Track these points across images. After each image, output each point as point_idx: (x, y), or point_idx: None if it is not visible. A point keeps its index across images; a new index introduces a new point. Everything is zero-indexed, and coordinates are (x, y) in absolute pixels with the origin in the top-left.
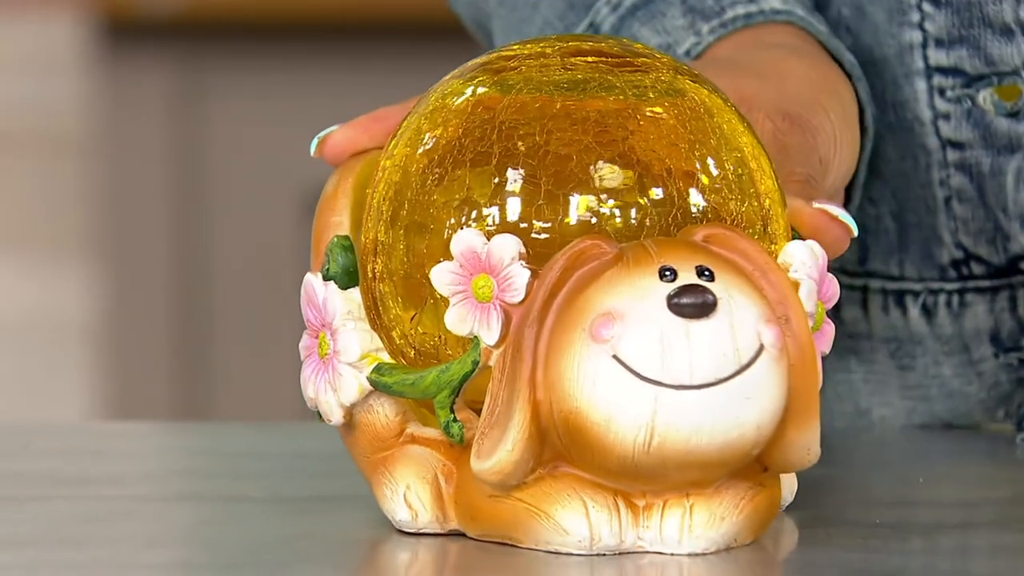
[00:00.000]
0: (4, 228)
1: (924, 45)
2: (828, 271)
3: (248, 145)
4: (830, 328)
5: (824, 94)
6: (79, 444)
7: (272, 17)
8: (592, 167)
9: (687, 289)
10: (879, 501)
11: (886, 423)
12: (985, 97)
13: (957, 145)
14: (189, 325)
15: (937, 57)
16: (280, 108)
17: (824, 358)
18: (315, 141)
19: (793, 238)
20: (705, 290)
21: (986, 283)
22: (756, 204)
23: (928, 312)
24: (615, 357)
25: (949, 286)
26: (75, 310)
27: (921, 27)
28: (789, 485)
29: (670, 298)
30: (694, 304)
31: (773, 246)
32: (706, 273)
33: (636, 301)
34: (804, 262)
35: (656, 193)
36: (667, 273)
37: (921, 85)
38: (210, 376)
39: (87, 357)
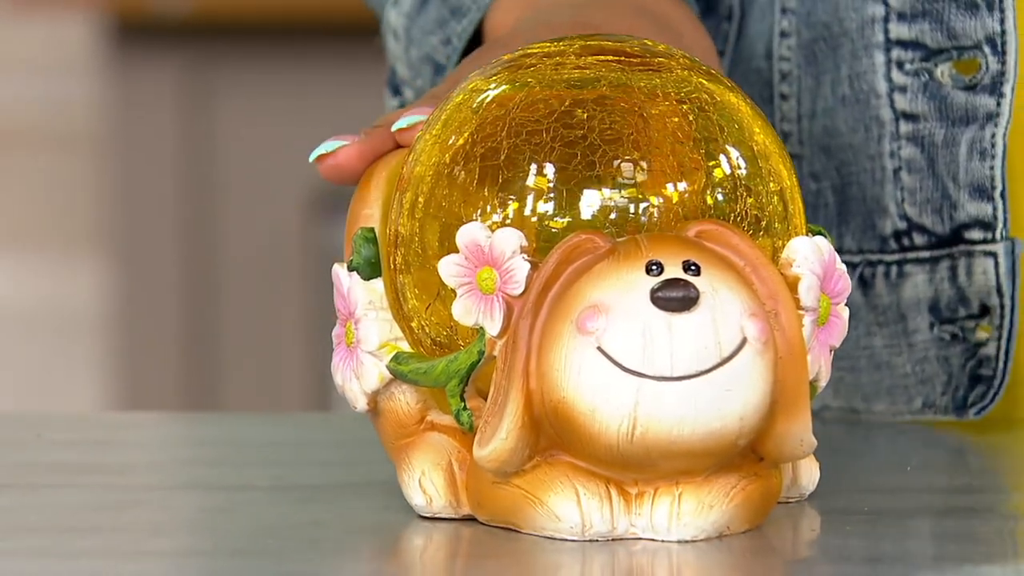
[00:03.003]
0: (17, 224)
1: (886, 19)
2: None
3: (255, 143)
4: (839, 321)
5: (707, 46)
6: (89, 434)
7: (279, 18)
8: (602, 163)
9: (670, 283)
10: (869, 488)
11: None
12: (943, 71)
13: (911, 117)
14: (198, 319)
15: (898, 31)
16: (287, 108)
17: (834, 351)
18: (403, 123)
19: (808, 234)
20: (688, 284)
21: (926, 254)
22: (768, 200)
23: (865, 283)
24: (599, 349)
25: (888, 257)
26: (86, 304)
27: (884, 1)
28: (810, 475)
29: (653, 292)
30: (676, 298)
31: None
32: (692, 268)
33: (621, 294)
34: (807, 257)
35: (666, 189)
36: (654, 267)
37: (879, 58)
38: (218, 368)
39: (98, 350)
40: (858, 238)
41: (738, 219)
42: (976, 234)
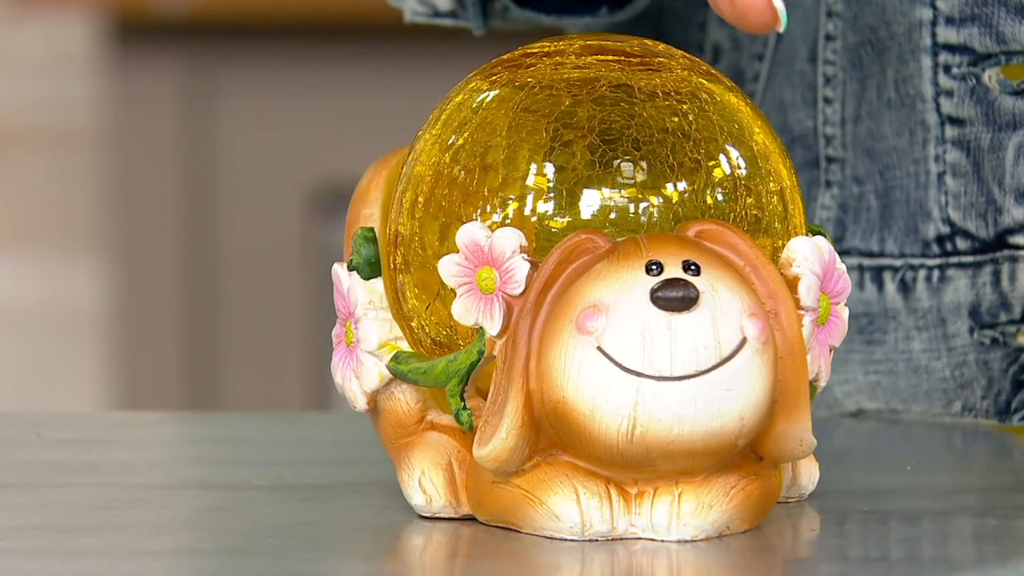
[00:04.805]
0: (18, 223)
1: (934, 23)
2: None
3: (255, 142)
4: (839, 321)
5: None
6: (89, 433)
7: (280, 18)
8: (601, 163)
9: (670, 283)
10: (867, 489)
11: (845, 401)
12: (991, 76)
13: (957, 122)
14: (197, 318)
15: (946, 35)
16: (287, 107)
17: (834, 351)
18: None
19: (808, 234)
20: (688, 284)
21: (969, 258)
22: (768, 200)
23: (905, 287)
24: (599, 349)
25: (930, 261)
26: (87, 303)
27: (933, 5)
28: (810, 475)
29: (653, 291)
30: (676, 297)
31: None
32: (692, 267)
33: (621, 294)
34: (807, 257)
35: (666, 189)
36: (653, 267)
37: (926, 62)
38: (218, 367)
39: (98, 348)
40: (900, 242)
41: (738, 219)
42: (1021, 239)
